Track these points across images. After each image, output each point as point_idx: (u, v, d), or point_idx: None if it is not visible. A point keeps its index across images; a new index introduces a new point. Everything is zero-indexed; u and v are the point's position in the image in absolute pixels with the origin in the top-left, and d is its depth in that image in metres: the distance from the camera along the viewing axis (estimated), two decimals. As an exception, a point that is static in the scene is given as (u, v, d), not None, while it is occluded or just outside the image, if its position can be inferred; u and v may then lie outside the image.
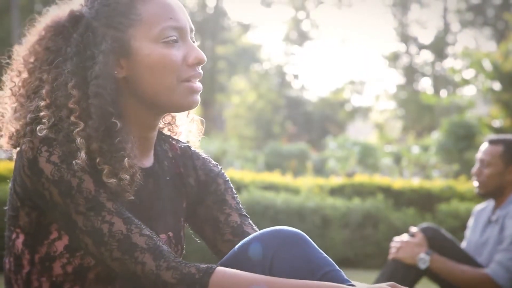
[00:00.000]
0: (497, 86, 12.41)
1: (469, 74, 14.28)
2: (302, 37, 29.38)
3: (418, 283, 3.45)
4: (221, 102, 27.54)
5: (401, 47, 28.16)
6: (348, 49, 45.51)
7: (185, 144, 1.69)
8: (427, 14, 41.67)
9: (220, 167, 1.71)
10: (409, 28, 28.67)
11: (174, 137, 1.71)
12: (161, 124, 1.69)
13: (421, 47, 27.86)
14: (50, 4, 1.59)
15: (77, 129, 1.42)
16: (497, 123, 12.18)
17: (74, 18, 1.50)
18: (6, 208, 1.52)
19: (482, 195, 3.49)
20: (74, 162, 1.40)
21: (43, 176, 1.40)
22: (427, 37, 32.88)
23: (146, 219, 1.52)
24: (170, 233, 1.59)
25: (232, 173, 7.81)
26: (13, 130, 1.49)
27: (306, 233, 1.56)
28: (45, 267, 1.46)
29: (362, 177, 8.08)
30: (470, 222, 3.63)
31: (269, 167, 13.69)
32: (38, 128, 1.42)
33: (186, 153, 1.68)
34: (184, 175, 1.65)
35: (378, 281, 3.36)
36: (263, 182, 7.65)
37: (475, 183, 3.48)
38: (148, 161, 1.58)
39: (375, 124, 27.03)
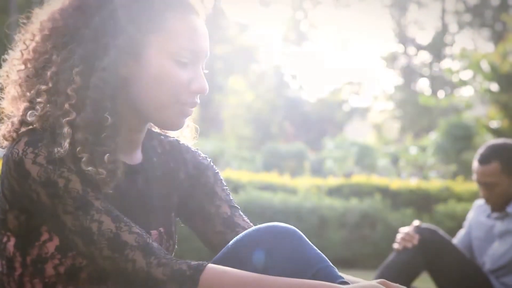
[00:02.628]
0: (494, 87, 12.42)
1: (467, 75, 14.29)
2: (300, 38, 29.39)
3: (418, 279, 3.46)
4: (218, 102, 27.54)
5: (399, 48, 28.18)
6: (346, 50, 45.55)
7: (174, 138, 1.68)
8: (425, 15, 41.70)
9: (209, 160, 1.71)
10: (407, 29, 28.68)
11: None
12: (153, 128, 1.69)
13: (419, 48, 27.88)
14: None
15: (67, 118, 1.41)
16: (494, 124, 12.19)
17: (100, 4, 1.46)
18: None
19: (497, 210, 3.44)
20: (55, 150, 1.38)
21: (30, 178, 1.39)
22: (425, 38, 32.91)
23: (136, 216, 1.51)
24: (162, 229, 1.58)
25: (229, 173, 7.81)
26: (10, 109, 1.49)
27: (303, 233, 1.56)
28: (37, 269, 1.46)
29: (359, 178, 8.09)
30: (470, 215, 3.61)
31: (267, 167, 13.69)
32: (28, 113, 1.42)
33: (175, 147, 1.67)
34: (174, 170, 1.65)
35: (379, 275, 3.37)
36: (260, 182, 7.66)
37: (489, 205, 3.41)
38: (136, 159, 1.57)
39: (373, 125, 27.05)
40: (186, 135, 1.71)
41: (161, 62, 1.47)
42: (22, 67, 1.48)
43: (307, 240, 1.52)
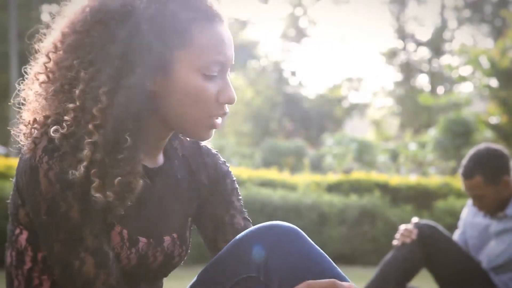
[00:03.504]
0: (494, 83, 12.42)
1: (466, 71, 14.29)
2: (300, 34, 29.36)
3: (417, 275, 3.46)
4: (218, 99, 27.51)
5: (399, 44, 28.16)
6: (345, 46, 45.52)
7: (195, 141, 1.67)
8: (425, 11, 41.67)
9: (228, 165, 1.70)
10: (407, 25, 28.67)
11: None
12: None
13: (419, 44, 27.86)
14: (48, 2, 1.53)
15: (89, 140, 1.37)
16: (494, 120, 12.19)
17: (126, 12, 1.41)
18: (8, 201, 1.51)
19: (495, 214, 3.46)
20: (70, 173, 1.36)
21: (38, 189, 1.38)
22: (424, 34, 32.89)
23: (151, 221, 1.51)
24: (175, 235, 1.57)
25: (229, 170, 7.82)
26: (31, 118, 1.46)
27: (303, 230, 1.56)
28: (47, 266, 1.46)
29: (359, 174, 8.09)
30: (464, 214, 3.62)
31: (266, 163, 13.69)
32: (53, 128, 1.39)
33: (196, 149, 1.66)
34: (195, 173, 1.64)
35: (379, 272, 3.38)
36: (260, 178, 7.66)
37: (482, 212, 3.45)
38: (159, 161, 1.56)
39: (372, 121, 27.04)
40: None
41: (189, 77, 1.44)
42: (46, 79, 1.45)
43: (309, 239, 1.52)
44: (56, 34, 1.46)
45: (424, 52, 27.79)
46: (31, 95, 1.48)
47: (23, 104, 1.50)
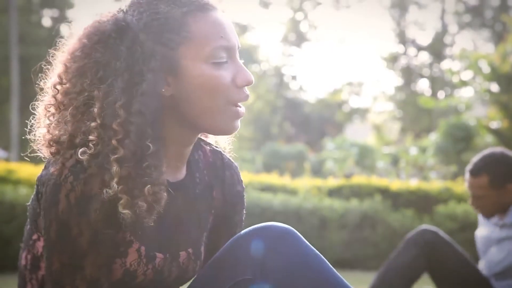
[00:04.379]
0: (495, 87, 12.42)
1: (467, 75, 14.29)
2: (300, 38, 29.39)
3: (419, 280, 3.45)
4: (219, 103, 27.53)
5: (399, 49, 28.18)
6: (346, 51, 45.57)
7: (218, 150, 1.66)
8: (425, 15, 41.70)
9: (244, 187, 1.69)
10: (407, 29, 28.70)
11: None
12: None
13: (419, 48, 27.88)
14: (48, 5, 1.54)
15: (115, 156, 1.37)
16: (494, 125, 12.19)
17: (120, 29, 1.43)
18: (28, 204, 1.51)
19: (490, 217, 3.46)
20: (104, 191, 1.35)
21: (56, 207, 1.37)
22: (425, 39, 32.93)
23: (168, 236, 1.51)
24: (190, 250, 1.56)
25: (230, 174, 7.81)
26: (54, 137, 1.43)
27: (303, 234, 1.57)
28: None
29: (360, 178, 8.08)
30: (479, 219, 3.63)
31: (267, 168, 13.70)
32: (80, 150, 1.37)
33: (218, 160, 1.65)
34: (212, 187, 1.62)
35: (380, 277, 3.37)
36: (261, 183, 7.65)
37: (477, 211, 3.45)
38: (180, 174, 1.54)
39: (373, 126, 27.05)
40: (220, 138, 1.69)
41: (200, 69, 1.43)
42: (57, 110, 1.45)
43: (305, 240, 1.52)
44: (59, 68, 1.47)
45: (424, 57, 27.82)
46: (46, 116, 1.47)
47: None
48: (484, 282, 3.37)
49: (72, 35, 1.48)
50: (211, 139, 1.68)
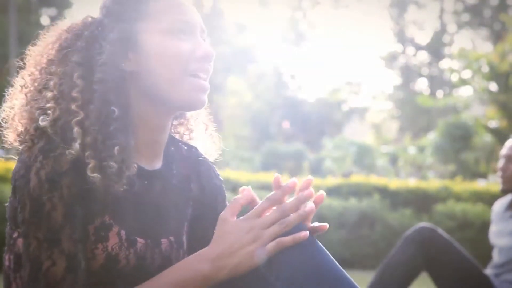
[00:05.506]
0: (493, 86, 12.43)
1: (465, 74, 14.30)
2: (299, 38, 29.38)
3: (417, 278, 3.46)
4: (217, 102, 27.54)
5: (398, 48, 28.18)
6: (345, 50, 45.54)
7: (193, 146, 1.69)
8: (424, 15, 41.67)
9: (221, 180, 1.71)
10: (406, 28, 28.69)
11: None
12: (177, 136, 1.70)
13: (418, 47, 27.88)
14: (47, 5, 1.59)
15: (76, 119, 1.42)
16: (493, 124, 12.20)
17: (88, 22, 1.53)
18: (6, 205, 1.52)
19: (506, 191, 3.49)
20: (67, 152, 1.39)
21: (28, 186, 1.40)
22: (424, 38, 32.93)
23: (148, 223, 1.52)
24: (172, 238, 1.58)
25: (228, 173, 7.82)
26: (21, 127, 1.48)
27: (302, 233, 1.57)
28: None
29: (358, 178, 8.09)
30: (494, 207, 3.66)
31: (266, 167, 13.70)
32: (40, 118, 1.43)
33: (193, 155, 1.68)
34: (188, 179, 1.65)
35: (379, 275, 3.38)
36: (259, 182, 7.66)
37: (500, 179, 3.48)
38: (157, 164, 1.57)
39: (371, 125, 27.05)
40: (208, 145, 1.72)
41: (157, 40, 1.49)
42: (24, 99, 1.51)
43: (315, 239, 1.53)
44: (31, 61, 1.54)
45: (423, 56, 27.82)
46: (16, 104, 1.53)
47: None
48: (483, 279, 3.38)
49: (47, 36, 1.55)
50: (196, 142, 1.71)
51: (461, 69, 14.33)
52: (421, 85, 28.26)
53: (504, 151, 3.49)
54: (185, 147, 1.68)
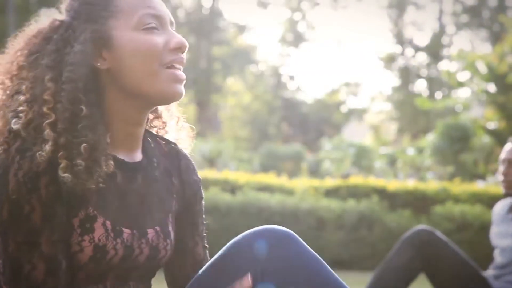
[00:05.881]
0: (492, 88, 12.43)
1: (464, 76, 14.31)
2: (298, 38, 29.38)
3: (415, 280, 3.46)
4: (216, 103, 27.54)
5: (397, 49, 28.19)
6: (343, 51, 45.57)
7: (172, 141, 1.70)
8: (423, 16, 41.74)
9: (199, 177, 1.72)
10: (405, 30, 28.70)
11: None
12: (153, 130, 1.71)
13: (417, 49, 27.89)
14: (46, 5, 1.59)
15: (47, 121, 1.43)
16: (492, 125, 12.20)
17: (56, 25, 1.53)
18: None
19: (509, 195, 3.49)
20: (38, 154, 1.40)
21: (6, 187, 1.40)
22: (422, 39, 32.96)
23: (133, 213, 1.53)
24: (158, 228, 1.59)
25: (227, 174, 7.81)
26: None
27: (300, 235, 1.57)
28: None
29: (357, 179, 8.09)
30: (495, 209, 3.66)
31: (264, 168, 13.70)
32: (13, 121, 1.44)
33: (173, 151, 1.69)
34: (170, 173, 1.66)
35: (377, 277, 3.37)
36: (258, 183, 7.66)
37: (503, 183, 3.48)
38: (136, 157, 1.59)
39: (370, 126, 27.06)
40: (182, 136, 1.72)
41: (130, 36, 1.50)
42: None
43: (304, 243, 1.53)
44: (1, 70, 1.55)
45: (422, 57, 27.82)
46: None
47: None
48: (482, 281, 3.37)
49: (15, 42, 1.57)
50: (170, 135, 1.73)
51: (460, 71, 14.34)
52: (420, 86, 28.27)
53: (503, 155, 3.48)
54: (164, 142, 1.69)
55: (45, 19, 1.56)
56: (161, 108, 1.71)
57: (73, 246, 1.45)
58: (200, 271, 1.59)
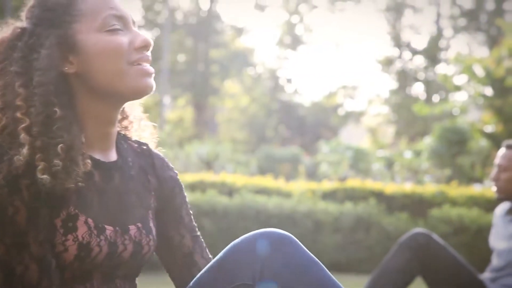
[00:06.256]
0: (489, 91, 12.44)
1: (461, 79, 14.32)
2: (296, 41, 29.40)
3: (412, 283, 3.46)
4: (214, 106, 27.53)
5: (394, 52, 28.22)
6: (341, 54, 45.59)
7: (143, 142, 1.73)
8: (421, 19, 41.78)
9: (176, 172, 1.74)
10: (403, 33, 28.73)
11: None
12: (123, 131, 1.73)
13: (414, 52, 27.91)
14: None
15: (22, 125, 1.45)
16: (489, 129, 12.21)
17: (18, 33, 1.54)
18: None
19: (501, 199, 3.51)
20: (15, 159, 1.42)
21: None
22: (420, 43, 33.01)
23: (113, 211, 1.56)
24: (139, 224, 1.60)
25: (224, 177, 7.81)
26: None
27: (298, 237, 1.58)
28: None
29: (354, 182, 8.09)
30: (497, 211, 3.66)
31: (262, 171, 13.71)
32: None
33: (146, 151, 1.71)
34: (146, 172, 1.68)
35: (374, 279, 3.37)
36: (255, 186, 7.65)
37: (494, 188, 3.50)
38: (111, 157, 1.61)
39: (367, 129, 27.07)
40: (145, 135, 1.75)
41: (96, 39, 1.52)
42: None
43: (303, 246, 1.54)
44: None
45: (419, 61, 27.85)
46: None
47: None
48: (478, 284, 3.37)
49: None
50: (136, 133, 1.75)
51: (457, 74, 14.34)
52: (417, 89, 28.30)
53: (496, 160, 3.51)
54: (136, 144, 1.71)
55: (5, 27, 1.58)
56: (126, 108, 1.73)
57: (57, 246, 1.46)
58: (200, 273, 1.60)
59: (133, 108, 1.74)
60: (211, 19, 27.50)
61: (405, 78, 27.53)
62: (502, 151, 3.52)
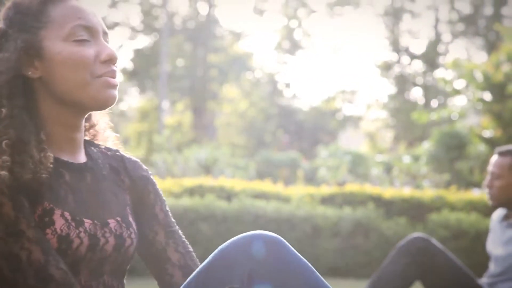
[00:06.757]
0: (487, 96, 12.45)
1: (459, 84, 14.32)
2: (294, 46, 29.42)
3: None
4: (212, 110, 27.53)
5: (393, 57, 28.24)
6: (340, 58, 45.61)
7: (116, 150, 1.75)
8: (419, 24, 41.84)
9: (150, 173, 1.76)
10: (401, 38, 28.76)
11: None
12: (86, 137, 1.74)
13: (413, 57, 27.94)
14: None
15: None
16: (487, 134, 12.22)
17: None
18: None
19: (495, 206, 3.50)
20: None
21: None
22: (418, 47, 33.01)
23: (91, 207, 1.57)
24: (118, 218, 1.62)
25: (223, 181, 7.81)
26: None
27: (296, 242, 1.58)
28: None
29: (353, 186, 8.09)
30: (493, 217, 3.67)
31: (260, 175, 13.70)
32: None
33: (117, 156, 1.73)
34: (118, 172, 1.70)
35: (372, 284, 3.37)
36: (254, 190, 7.65)
37: (488, 195, 3.50)
38: (81, 158, 1.63)
39: (366, 134, 27.08)
40: (109, 145, 1.76)
41: (61, 47, 1.54)
42: None
43: (293, 249, 1.54)
44: None
45: (418, 65, 27.88)
46: None
47: None
48: (477, 289, 3.37)
49: None
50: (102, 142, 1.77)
51: (455, 79, 14.34)
52: (416, 94, 28.32)
53: (489, 167, 3.51)
54: (106, 149, 1.73)
55: None
56: (94, 117, 1.75)
57: None
58: (189, 277, 1.60)
59: (101, 117, 1.76)
60: (210, 24, 27.51)
61: (403, 83, 27.56)
62: (494, 158, 3.50)
